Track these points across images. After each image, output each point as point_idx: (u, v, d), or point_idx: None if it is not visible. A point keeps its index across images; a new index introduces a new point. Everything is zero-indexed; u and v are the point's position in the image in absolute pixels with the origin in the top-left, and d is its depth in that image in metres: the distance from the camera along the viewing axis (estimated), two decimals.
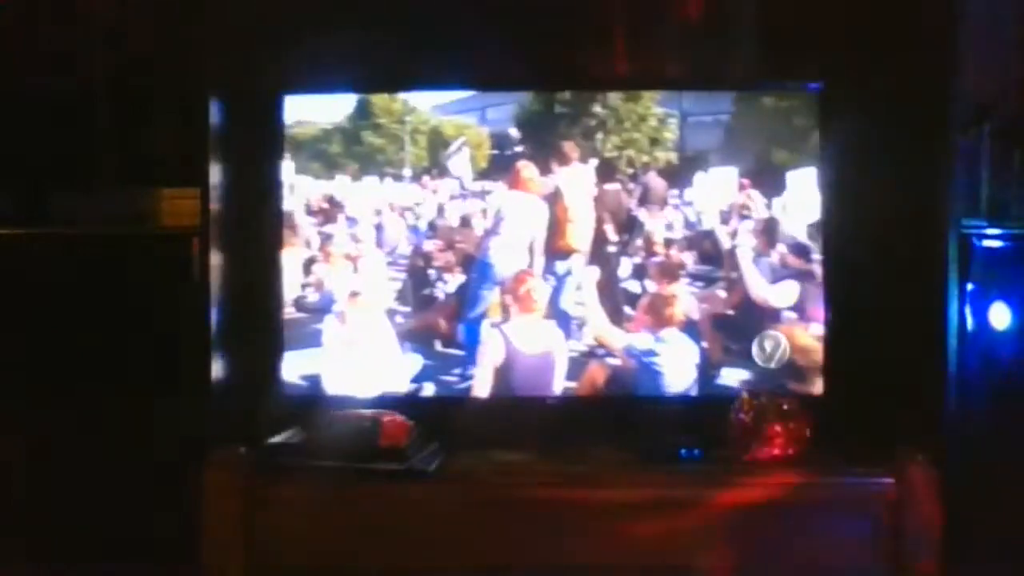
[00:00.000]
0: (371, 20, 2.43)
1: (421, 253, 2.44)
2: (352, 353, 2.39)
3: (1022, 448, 2.29)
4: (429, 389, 2.39)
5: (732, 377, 2.34)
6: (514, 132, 2.40)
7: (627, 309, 2.38)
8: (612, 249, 2.38)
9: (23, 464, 2.38)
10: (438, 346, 2.42)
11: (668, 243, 2.37)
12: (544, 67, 2.42)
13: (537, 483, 2.12)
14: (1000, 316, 2.30)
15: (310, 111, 2.43)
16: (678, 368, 2.34)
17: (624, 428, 2.33)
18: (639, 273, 2.38)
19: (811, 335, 2.33)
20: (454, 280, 2.43)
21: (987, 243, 2.28)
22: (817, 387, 2.32)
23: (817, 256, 2.32)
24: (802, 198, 2.32)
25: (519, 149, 2.40)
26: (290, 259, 2.40)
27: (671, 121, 2.37)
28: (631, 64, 2.45)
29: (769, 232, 2.34)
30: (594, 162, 2.37)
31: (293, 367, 2.38)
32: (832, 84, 2.33)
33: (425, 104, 2.44)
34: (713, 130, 2.37)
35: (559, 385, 2.37)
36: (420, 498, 2.11)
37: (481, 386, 2.37)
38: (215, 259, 2.26)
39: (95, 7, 2.48)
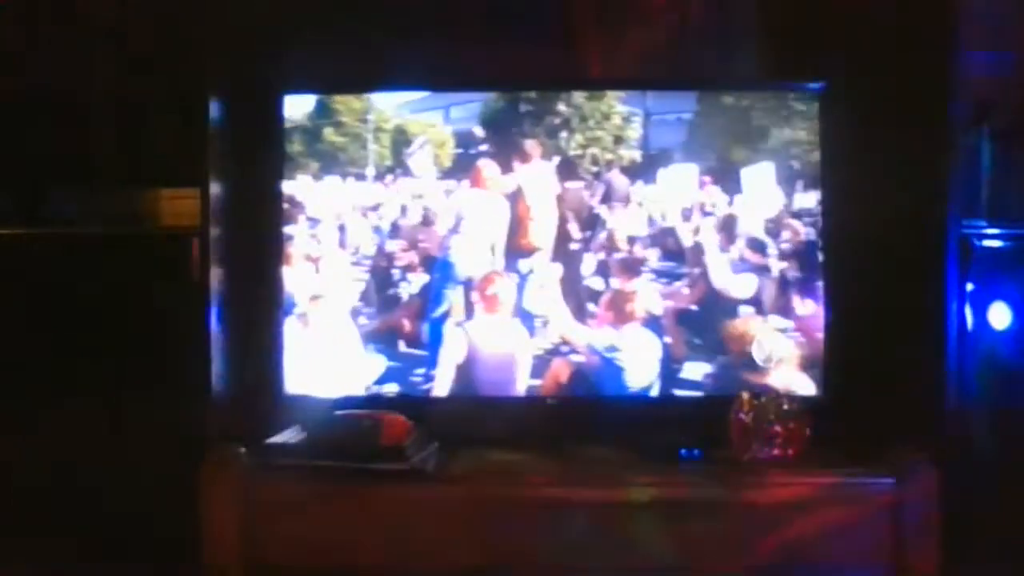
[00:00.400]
0: (371, 20, 2.44)
1: (384, 253, 2.43)
2: (315, 355, 2.39)
3: (1022, 448, 2.29)
4: (392, 389, 2.39)
5: (695, 371, 2.35)
6: (478, 131, 2.40)
7: (590, 306, 2.38)
8: (575, 247, 2.39)
9: (23, 464, 2.38)
10: (402, 347, 2.41)
11: (631, 240, 2.38)
12: (547, 67, 2.43)
13: (537, 483, 2.12)
14: (1000, 316, 2.30)
15: None
16: (641, 363, 2.35)
17: (624, 428, 2.33)
18: (602, 270, 2.38)
19: (768, 327, 2.34)
20: (417, 280, 2.42)
21: (987, 243, 2.28)
22: (776, 378, 2.33)
23: (773, 251, 2.33)
24: (759, 194, 2.33)
25: (484, 148, 2.39)
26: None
27: (635, 119, 2.37)
28: (629, 64, 2.46)
29: (728, 228, 2.35)
30: (556, 160, 2.38)
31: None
32: (832, 84, 2.33)
33: (388, 102, 2.43)
34: (676, 128, 2.38)
35: (522, 383, 2.38)
36: (420, 498, 2.11)
37: (442, 385, 2.37)
38: (215, 259, 2.26)
39: (95, 7, 2.48)
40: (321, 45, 2.43)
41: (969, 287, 2.25)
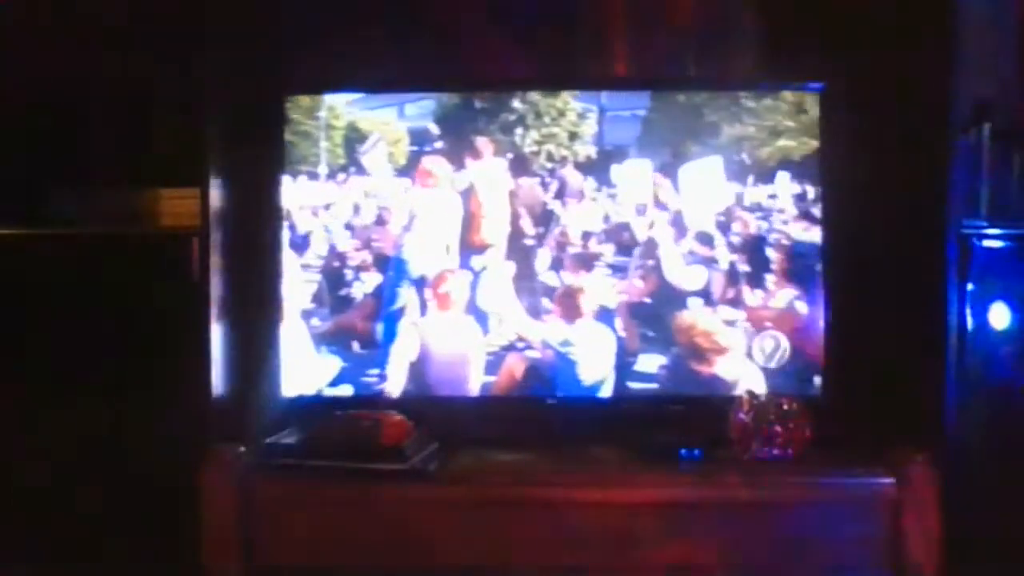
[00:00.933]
0: (371, 20, 2.44)
1: (336, 253, 2.42)
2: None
3: (1022, 448, 2.29)
4: (347, 390, 2.39)
5: (648, 364, 2.36)
6: (433, 128, 2.39)
7: (544, 301, 2.38)
8: (528, 243, 2.39)
9: (22, 464, 2.38)
10: (356, 347, 2.41)
11: (585, 235, 2.38)
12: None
13: (537, 483, 2.12)
14: (1000, 316, 2.30)
15: None
16: (595, 358, 2.36)
17: (624, 428, 2.33)
18: (556, 266, 2.38)
19: (716, 319, 2.35)
20: (371, 279, 2.41)
21: (987, 243, 2.28)
22: (723, 369, 2.34)
23: (721, 243, 2.34)
24: (709, 188, 2.35)
25: (438, 145, 2.39)
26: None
27: (590, 115, 2.37)
28: (633, 65, 2.46)
29: (679, 222, 2.36)
30: (509, 157, 2.38)
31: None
32: (832, 84, 2.33)
33: (340, 100, 2.42)
34: (631, 124, 2.38)
35: (476, 381, 2.38)
36: (420, 498, 2.11)
37: (394, 384, 2.38)
38: (215, 259, 2.26)
39: (95, 7, 2.48)
40: (321, 45, 2.44)
41: (969, 287, 2.25)
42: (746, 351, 2.35)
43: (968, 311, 2.25)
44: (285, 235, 2.40)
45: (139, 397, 2.35)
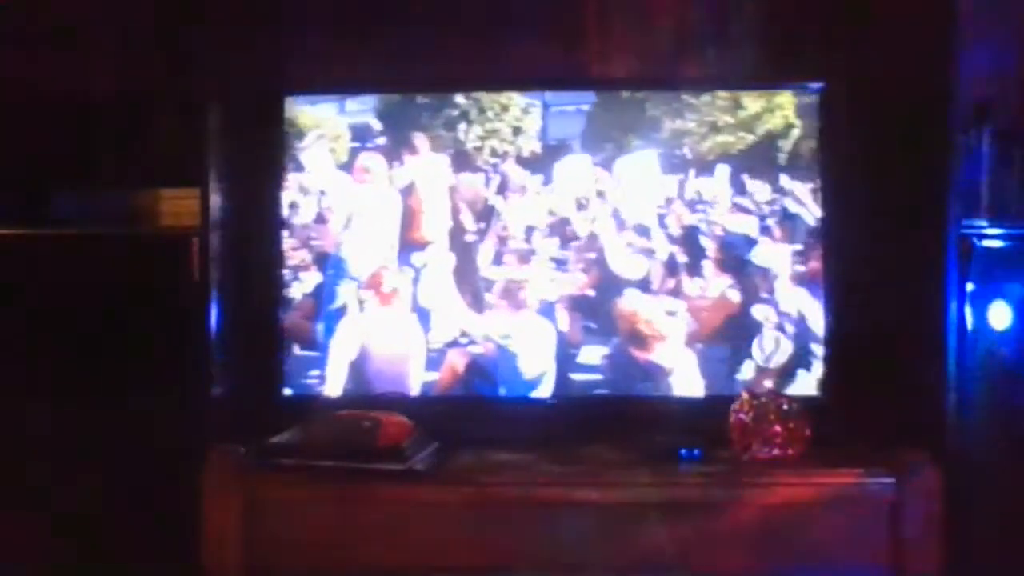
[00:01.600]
0: (371, 20, 2.44)
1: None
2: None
3: (1022, 448, 2.29)
4: (287, 392, 2.38)
5: (591, 355, 2.36)
6: (375, 123, 2.38)
7: (487, 296, 2.38)
8: (470, 238, 2.38)
9: (22, 464, 2.38)
10: (296, 349, 2.40)
11: (529, 230, 2.37)
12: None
13: (537, 483, 2.12)
14: (1000, 316, 2.30)
15: None
16: (537, 350, 2.36)
17: (624, 428, 2.33)
18: (498, 260, 2.38)
19: (657, 306, 2.36)
20: (310, 279, 2.40)
21: (987, 243, 2.28)
22: (661, 356, 2.35)
23: (660, 235, 2.35)
24: (645, 182, 2.35)
25: (380, 141, 2.38)
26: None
27: (533, 110, 2.37)
28: (637, 61, 2.46)
29: (619, 215, 2.36)
30: (450, 152, 2.37)
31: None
32: (832, 84, 2.33)
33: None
34: (575, 119, 2.37)
35: (417, 378, 2.37)
36: (420, 498, 2.11)
37: (334, 385, 2.38)
38: (215, 259, 2.26)
39: (95, 6, 2.48)
40: (321, 45, 2.44)
41: (969, 287, 2.25)
42: (684, 340, 2.35)
43: (968, 311, 2.25)
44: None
45: (139, 397, 2.35)
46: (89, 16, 2.48)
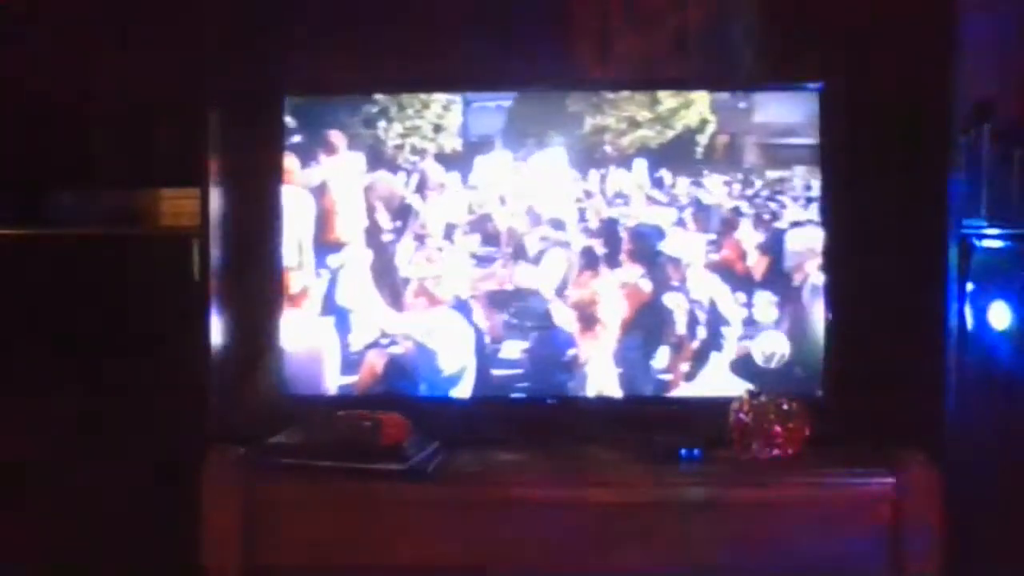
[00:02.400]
0: (371, 20, 2.44)
1: None
2: None
3: (1022, 448, 2.29)
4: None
5: (512, 350, 2.36)
6: (290, 121, 2.36)
7: (405, 295, 2.37)
8: (387, 237, 2.37)
9: (22, 463, 2.38)
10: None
11: (449, 227, 2.37)
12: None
13: (537, 483, 2.12)
14: (1000, 316, 2.30)
15: None
16: (456, 347, 2.36)
17: (624, 428, 2.33)
18: (416, 259, 2.37)
19: (574, 300, 2.36)
20: None
21: (987, 243, 2.28)
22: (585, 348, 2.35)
23: (574, 227, 2.35)
24: (566, 177, 2.35)
25: (296, 139, 2.36)
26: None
27: (454, 107, 2.36)
28: (629, 64, 2.46)
29: (535, 210, 2.37)
30: (365, 150, 2.36)
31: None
32: (832, 84, 2.33)
33: None
34: (496, 116, 2.37)
35: (334, 380, 2.36)
36: (419, 498, 2.11)
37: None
38: (215, 259, 2.26)
39: (95, 6, 2.48)
40: (321, 45, 2.44)
41: (969, 287, 2.25)
42: (601, 330, 2.35)
43: (968, 311, 2.25)
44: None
45: (139, 397, 2.35)
46: (89, 16, 2.48)
